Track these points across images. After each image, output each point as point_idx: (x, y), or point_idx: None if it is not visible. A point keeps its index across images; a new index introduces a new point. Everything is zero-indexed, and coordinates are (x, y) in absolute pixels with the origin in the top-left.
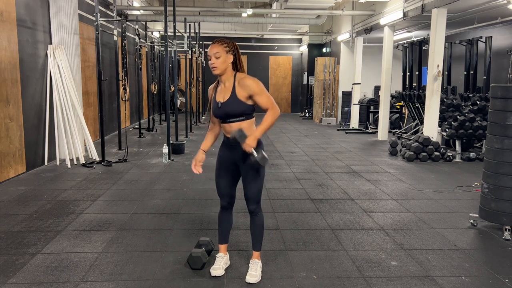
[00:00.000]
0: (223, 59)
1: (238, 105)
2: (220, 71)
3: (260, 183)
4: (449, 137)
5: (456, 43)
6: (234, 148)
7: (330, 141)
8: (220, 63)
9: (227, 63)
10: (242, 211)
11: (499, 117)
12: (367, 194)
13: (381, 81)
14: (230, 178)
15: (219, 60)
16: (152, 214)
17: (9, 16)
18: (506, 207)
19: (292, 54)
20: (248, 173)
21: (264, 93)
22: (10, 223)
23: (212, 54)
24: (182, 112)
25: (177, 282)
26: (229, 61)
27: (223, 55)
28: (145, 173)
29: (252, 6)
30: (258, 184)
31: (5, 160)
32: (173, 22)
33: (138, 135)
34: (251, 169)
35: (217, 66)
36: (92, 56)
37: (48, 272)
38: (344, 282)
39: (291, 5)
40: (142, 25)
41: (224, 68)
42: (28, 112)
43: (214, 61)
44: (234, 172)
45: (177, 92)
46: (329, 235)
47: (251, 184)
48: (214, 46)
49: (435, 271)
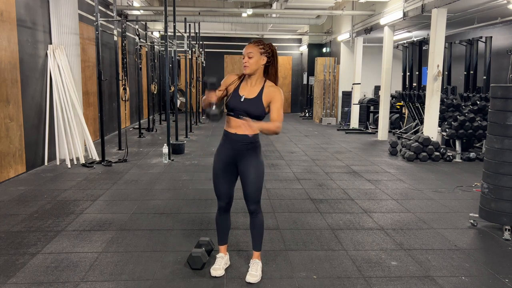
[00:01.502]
0: (255, 60)
1: (259, 107)
2: (251, 71)
3: (260, 182)
4: (449, 137)
5: (456, 43)
6: (236, 147)
7: (330, 141)
8: (252, 63)
9: (259, 64)
10: (242, 211)
11: (499, 117)
12: (367, 194)
13: (381, 81)
14: (229, 178)
15: (252, 60)
16: (152, 214)
17: (9, 16)
18: (506, 207)
19: (292, 54)
20: (248, 172)
21: (281, 105)
22: (10, 223)
23: (246, 54)
24: (182, 112)
25: (177, 282)
26: (262, 63)
27: (256, 56)
28: (145, 173)
29: (252, 6)
30: (257, 184)
31: (5, 160)
32: (173, 22)
33: (138, 135)
34: (251, 168)
35: (249, 66)
36: (92, 56)
37: (48, 272)
38: (344, 282)
39: (291, 5)
40: (142, 25)
41: (255, 69)
42: (28, 112)
43: (246, 60)
44: (232, 172)
45: (177, 92)
46: (329, 235)
47: (251, 183)
48: (249, 46)
49: (435, 271)
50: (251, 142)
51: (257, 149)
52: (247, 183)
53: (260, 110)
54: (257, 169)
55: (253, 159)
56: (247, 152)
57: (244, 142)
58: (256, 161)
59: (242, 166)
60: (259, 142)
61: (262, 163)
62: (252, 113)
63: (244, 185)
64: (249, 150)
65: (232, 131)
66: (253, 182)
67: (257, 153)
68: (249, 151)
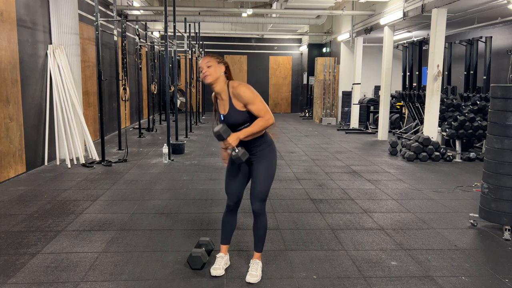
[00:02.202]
0: (214, 68)
1: (238, 115)
2: (212, 79)
3: (268, 181)
4: (449, 137)
5: (456, 43)
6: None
7: (330, 141)
8: (212, 71)
9: (218, 72)
10: (243, 211)
11: (499, 117)
12: (367, 194)
13: (381, 81)
14: (241, 177)
15: (211, 69)
16: (152, 214)
17: (9, 16)
18: (506, 207)
19: (292, 54)
20: (258, 169)
21: (256, 102)
22: (10, 223)
23: (204, 64)
24: (182, 112)
25: (177, 282)
26: (221, 71)
27: (214, 64)
28: (145, 173)
29: (252, 6)
30: (266, 183)
31: (5, 160)
32: (173, 22)
33: (138, 135)
34: (261, 166)
35: (209, 74)
36: (92, 56)
37: (48, 272)
38: (344, 282)
39: (291, 5)
40: (142, 25)
41: (216, 77)
42: (28, 112)
43: (205, 69)
44: (245, 172)
45: (177, 92)
46: (329, 235)
47: (259, 181)
48: (205, 57)
49: (435, 271)
50: (258, 145)
51: (268, 150)
52: (255, 181)
53: (242, 116)
54: (267, 169)
55: (264, 160)
56: (258, 153)
57: (251, 147)
58: (267, 162)
59: (254, 165)
60: (269, 142)
61: (273, 165)
62: (237, 123)
63: (252, 183)
64: (259, 151)
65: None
66: (261, 181)
67: (268, 154)
68: (260, 152)
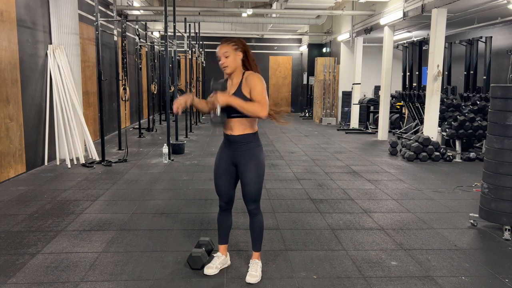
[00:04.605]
0: (232, 57)
1: (242, 99)
2: (231, 69)
3: (258, 183)
4: (449, 137)
5: (456, 43)
6: (233, 148)
7: (330, 141)
8: (230, 62)
9: (237, 61)
10: (242, 211)
11: (499, 117)
12: (367, 194)
13: (381, 81)
14: (229, 178)
15: (229, 59)
16: (152, 214)
17: (9, 16)
18: (506, 207)
19: (292, 54)
20: (246, 172)
21: (260, 91)
22: (10, 223)
23: (221, 54)
24: (182, 112)
25: (177, 282)
26: (239, 59)
27: (232, 54)
28: (145, 173)
29: (252, 6)
30: (256, 184)
31: (5, 160)
32: (173, 22)
33: (138, 135)
34: (249, 169)
35: (228, 65)
36: (92, 56)
37: (48, 272)
38: (344, 282)
39: (291, 5)
40: (142, 25)
41: (235, 67)
42: (28, 112)
43: (224, 60)
44: (232, 173)
45: (177, 92)
46: (329, 235)
47: (249, 184)
48: (222, 46)
49: (435, 271)
50: (247, 143)
51: (256, 150)
52: (245, 183)
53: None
54: (256, 169)
55: (251, 160)
56: (245, 153)
57: (240, 142)
58: (255, 162)
59: (241, 167)
60: (259, 142)
61: (261, 164)
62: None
63: (243, 185)
64: (247, 150)
65: (228, 132)
66: (251, 183)
67: (256, 154)
68: (247, 152)
